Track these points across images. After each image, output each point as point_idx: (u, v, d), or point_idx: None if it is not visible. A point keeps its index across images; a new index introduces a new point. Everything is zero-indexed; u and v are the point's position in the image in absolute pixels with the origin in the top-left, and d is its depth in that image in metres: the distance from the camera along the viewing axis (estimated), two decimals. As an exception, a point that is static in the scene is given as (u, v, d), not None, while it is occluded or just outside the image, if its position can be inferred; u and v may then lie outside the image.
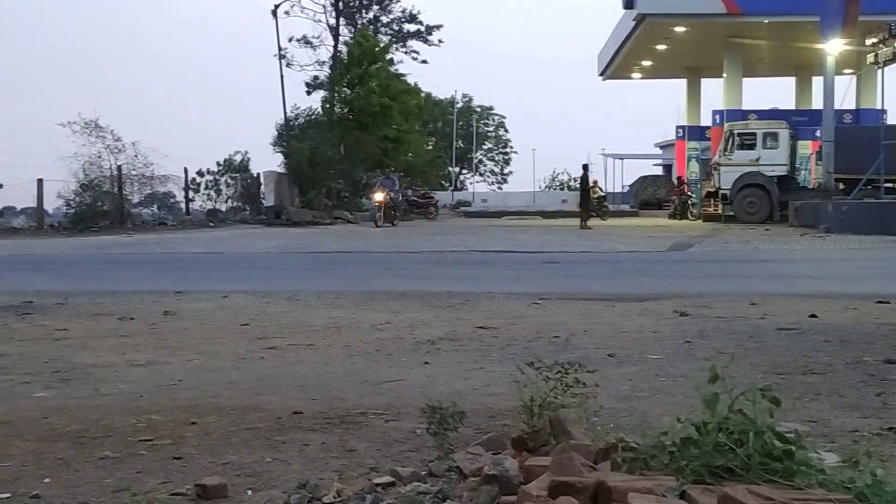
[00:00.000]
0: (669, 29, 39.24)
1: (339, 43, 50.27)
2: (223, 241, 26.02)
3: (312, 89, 50.82)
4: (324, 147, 39.89)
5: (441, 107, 76.41)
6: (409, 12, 54.70)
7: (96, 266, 18.33)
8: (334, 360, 7.21)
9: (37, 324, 9.34)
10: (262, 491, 3.80)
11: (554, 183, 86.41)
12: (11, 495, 3.79)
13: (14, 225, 36.74)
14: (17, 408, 5.49)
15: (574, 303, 10.61)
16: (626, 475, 3.19)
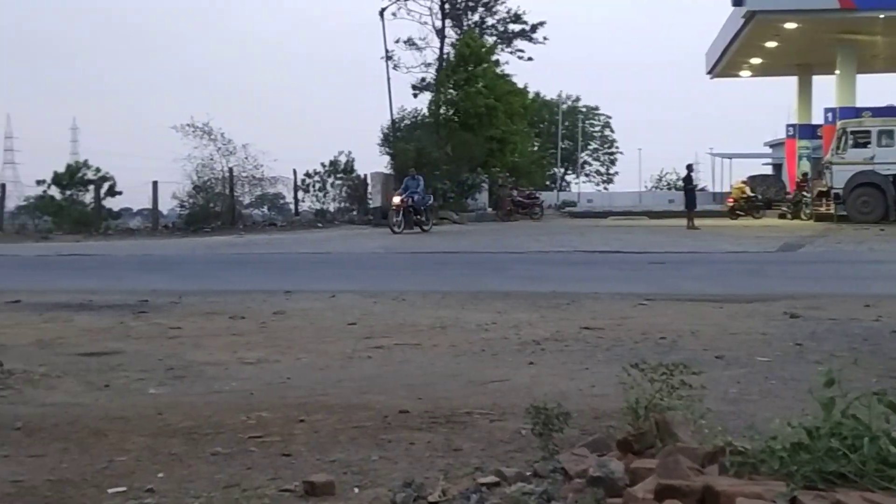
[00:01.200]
0: (780, 25, 38.40)
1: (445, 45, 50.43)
2: (331, 241, 26.32)
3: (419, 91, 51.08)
4: (430, 148, 40.06)
5: (548, 107, 76.08)
6: (513, 13, 54.56)
7: (209, 266, 18.73)
8: (440, 359, 7.25)
9: (152, 322, 9.59)
10: (369, 489, 3.84)
11: (661, 183, 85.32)
12: (127, 489, 3.90)
13: (131, 226, 37.73)
14: (132, 404, 5.64)
15: (681, 304, 10.47)
16: (734, 479, 3.14)
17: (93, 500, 3.78)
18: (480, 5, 54.29)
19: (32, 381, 6.43)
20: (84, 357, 7.48)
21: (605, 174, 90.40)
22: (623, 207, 53.17)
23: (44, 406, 5.60)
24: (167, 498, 3.79)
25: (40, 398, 5.90)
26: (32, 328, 9.16)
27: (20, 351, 7.73)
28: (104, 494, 3.84)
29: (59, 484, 3.97)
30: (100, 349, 7.86)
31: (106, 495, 3.83)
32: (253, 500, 3.73)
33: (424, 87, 50.69)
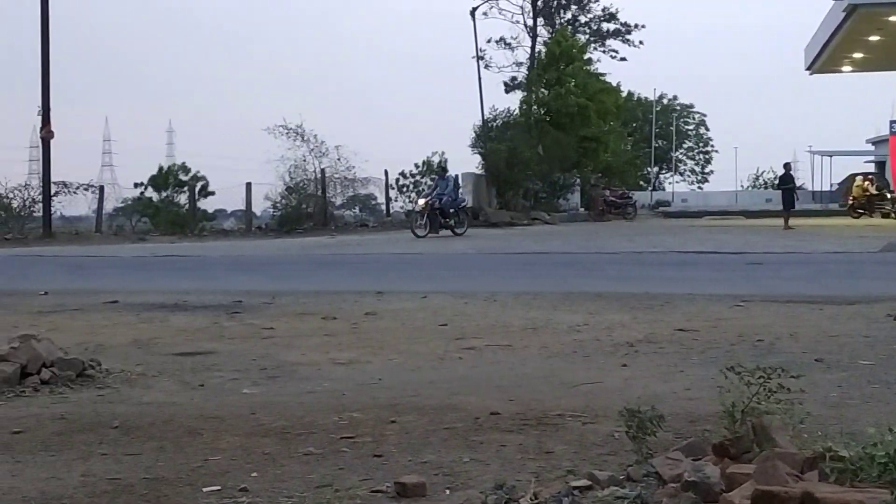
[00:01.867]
0: (883, 19, 37.38)
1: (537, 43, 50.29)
2: (422, 241, 26.42)
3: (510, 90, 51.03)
4: (522, 148, 39.98)
5: (641, 105, 75.39)
6: (608, 11, 54.14)
7: (301, 267, 18.93)
8: (531, 360, 7.20)
9: (245, 322, 9.71)
10: (460, 491, 3.82)
11: (757, 182, 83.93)
12: (221, 488, 3.94)
13: (225, 227, 38.35)
14: (226, 403, 5.71)
15: (779, 305, 10.26)
16: (834, 486, 3.05)
17: (188, 499, 3.82)
18: (573, 3, 54.02)
19: (129, 380, 6.56)
20: (179, 357, 7.60)
21: (699, 173, 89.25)
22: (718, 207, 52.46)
23: (140, 405, 5.70)
24: (260, 497, 3.81)
25: (137, 397, 6.00)
26: (130, 328, 9.35)
27: (118, 351, 7.89)
28: (199, 493, 3.88)
29: (155, 482, 4.02)
30: (195, 349, 7.99)
31: (201, 494, 3.87)
32: (345, 501, 3.74)
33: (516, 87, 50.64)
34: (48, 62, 30.41)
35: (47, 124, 30.56)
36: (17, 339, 6.43)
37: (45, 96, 30.50)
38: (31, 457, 4.49)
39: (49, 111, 30.56)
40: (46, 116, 30.54)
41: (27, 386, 6.10)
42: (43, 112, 30.57)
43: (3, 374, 6.08)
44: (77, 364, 6.46)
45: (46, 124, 30.56)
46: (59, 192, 32.67)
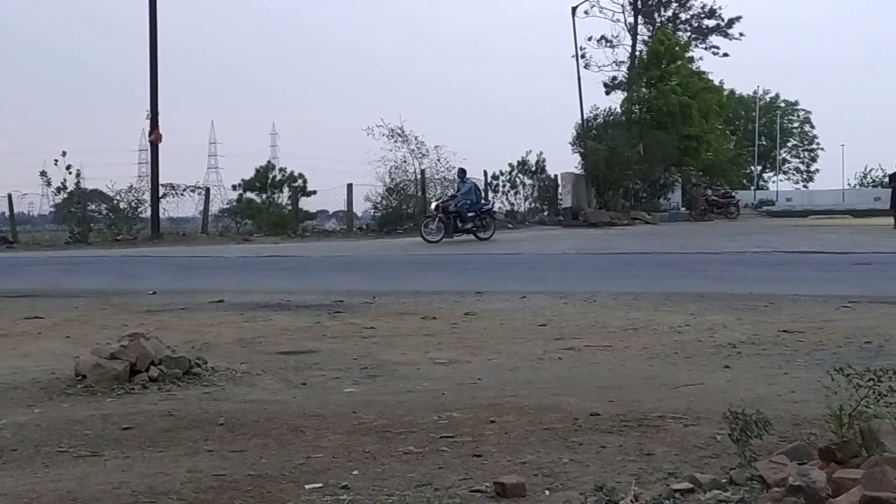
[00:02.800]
0: None
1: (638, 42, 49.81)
2: (521, 242, 26.38)
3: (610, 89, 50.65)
4: (622, 148, 39.66)
5: (743, 103, 74.11)
6: (708, 7, 53.33)
7: (401, 267, 19.06)
8: (631, 361, 7.14)
9: (347, 322, 9.81)
10: (559, 492, 3.80)
11: (865, 180, 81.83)
12: (323, 485, 3.99)
13: (326, 227, 38.79)
14: (328, 402, 5.78)
15: (889, 306, 9.99)
16: (947, 493, 2.96)
17: (290, 496, 3.88)
18: (674, 0, 53.35)
19: (234, 378, 6.68)
20: (282, 356, 7.72)
21: (804, 172, 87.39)
22: (824, 206, 51.32)
23: (245, 403, 5.80)
24: (361, 495, 3.85)
25: (241, 395, 6.11)
26: (235, 327, 9.53)
27: (223, 349, 8.05)
28: (301, 490, 3.94)
29: (259, 479, 4.09)
30: (297, 348, 8.11)
31: (303, 491, 3.93)
32: (445, 500, 3.75)
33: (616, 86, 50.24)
34: (156, 68, 31.14)
35: (156, 128, 31.29)
36: (126, 338, 6.60)
37: (153, 101, 31.24)
38: (139, 452, 4.61)
39: (157, 115, 31.30)
40: (155, 121, 31.28)
41: (136, 383, 6.26)
42: (151, 116, 31.31)
43: (113, 371, 6.25)
44: (184, 362, 6.60)
45: (155, 128, 31.30)
46: (167, 194, 33.42)
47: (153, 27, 30.95)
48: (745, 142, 73.18)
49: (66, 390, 6.17)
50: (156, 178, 31.94)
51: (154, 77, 31.11)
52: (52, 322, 10.27)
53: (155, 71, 31.12)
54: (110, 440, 4.84)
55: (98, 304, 11.90)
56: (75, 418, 5.33)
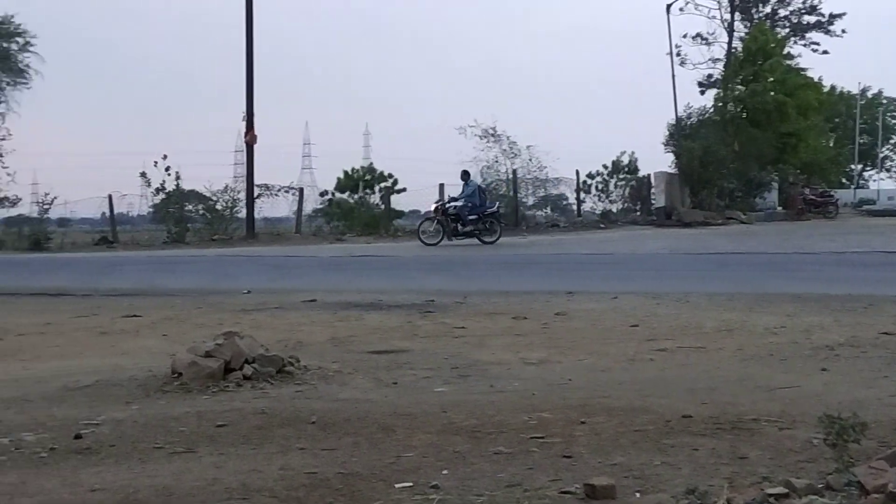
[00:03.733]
0: None
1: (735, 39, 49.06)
2: (613, 242, 26.20)
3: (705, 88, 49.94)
4: (717, 146, 39.10)
5: (844, 100, 72.49)
6: (809, 3, 52.23)
7: (492, 267, 19.06)
8: (725, 363, 7.04)
9: (438, 321, 9.85)
10: (650, 494, 3.76)
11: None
12: (413, 484, 4.01)
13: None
14: (419, 401, 5.80)
15: None
16: None
17: (380, 494, 3.90)
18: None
19: (326, 377, 6.75)
20: (374, 355, 7.78)
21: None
22: (928, 205, 49.86)
23: (336, 401, 5.85)
24: (451, 495, 3.86)
25: (333, 393, 6.17)
26: (327, 326, 9.63)
27: (316, 348, 8.14)
28: (391, 489, 3.96)
29: (350, 477, 4.12)
30: (388, 347, 8.16)
31: (393, 490, 3.95)
32: (534, 501, 3.74)
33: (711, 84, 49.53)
34: (252, 70, 31.64)
35: (251, 129, 31.79)
36: (221, 336, 6.70)
37: (249, 103, 31.75)
38: (233, 449, 4.68)
39: (253, 117, 31.80)
40: (250, 122, 31.79)
41: (230, 381, 6.36)
42: (247, 118, 31.83)
43: (208, 369, 6.36)
44: (277, 360, 6.69)
45: (250, 129, 31.81)
46: (262, 195, 33.93)
47: (249, 30, 31.45)
48: (844, 140, 71.56)
49: (163, 387, 6.29)
50: (251, 178, 32.46)
51: (250, 79, 31.62)
52: (150, 320, 10.50)
53: (251, 73, 31.62)
54: (205, 437, 4.93)
55: (194, 303, 12.13)
56: (171, 415, 5.43)
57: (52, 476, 4.26)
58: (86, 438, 4.89)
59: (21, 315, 11.29)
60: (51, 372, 7.32)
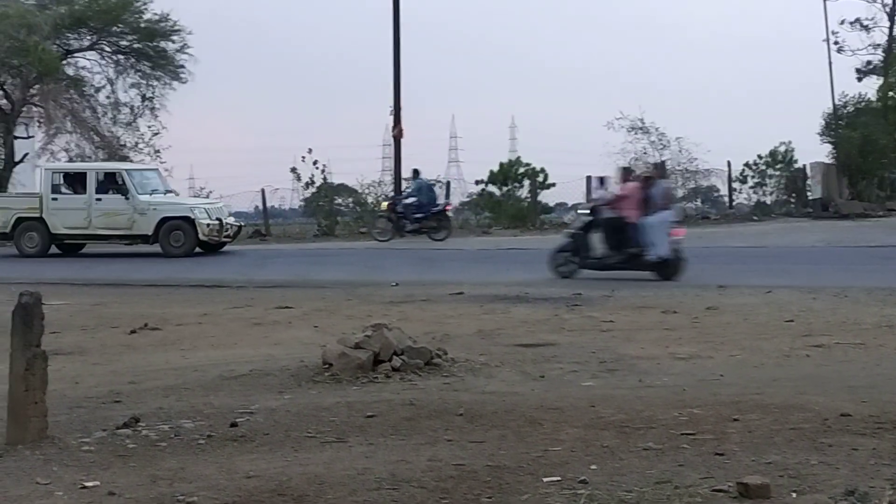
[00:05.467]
0: None
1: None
2: (767, 234, 25.51)
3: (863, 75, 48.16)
4: (877, 135, 37.68)
5: None
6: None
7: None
8: (886, 360, 6.79)
9: (585, 315, 9.78)
10: (807, 494, 3.65)
11: None
12: (561, 478, 3.98)
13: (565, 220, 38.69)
14: (566, 395, 5.77)
15: None
16: None
17: (528, 488, 3.89)
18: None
19: (473, 369, 6.77)
20: (520, 348, 7.77)
21: None
22: None
23: (483, 394, 5.87)
24: (600, 490, 3.82)
25: (480, 386, 6.19)
26: (474, 319, 9.66)
27: (462, 340, 8.18)
28: (539, 483, 3.94)
29: (498, 470, 4.12)
30: (535, 340, 8.14)
31: (541, 483, 3.93)
32: (685, 499, 3.68)
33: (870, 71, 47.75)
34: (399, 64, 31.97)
35: (398, 123, 32.14)
36: (370, 328, 6.80)
37: (396, 97, 32.08)
38: (382, 439, 4.74)
39: (400, 111, 32.12)
40: (398, 116, 32.12)
41: (379, 372, 6.44)
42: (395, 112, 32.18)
43: (358, 360, 6.46)
44: (425, 352, 6.74)
45: (398, 123, 32.15)
46: (408, 188, 34.25)
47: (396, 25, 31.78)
48: None
49: (314, 378, 6.42)
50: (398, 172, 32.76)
51: (397, 73, 31.95)
52: (301, 312, 10.73)
53: (398, 67, 31.96)
54: (355, 427, 5.00)
55: (344, 295, 12.34)
56: (322, 405, 5.54)
57: (209, 462, 4.39)
58: (241, 426, 5.03)
59: (179, 306, 11.68)
60: (207, 361, 7.55)
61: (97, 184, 21.32)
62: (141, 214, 20.92)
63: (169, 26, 30.55)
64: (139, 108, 31.35)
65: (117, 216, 21.00)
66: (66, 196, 21.41)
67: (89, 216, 21.07)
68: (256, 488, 3.94)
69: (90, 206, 21.08)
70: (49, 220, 20.97)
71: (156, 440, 4.81)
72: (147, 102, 31.25)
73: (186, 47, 30.98)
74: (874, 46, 48.47)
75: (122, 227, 21.08)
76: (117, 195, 21.11)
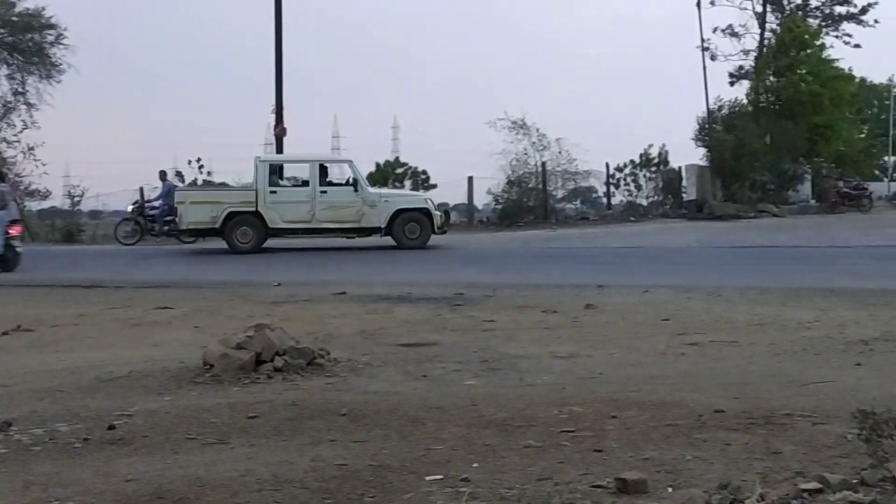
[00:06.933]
0: None
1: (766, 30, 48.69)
2: (643, 235, 26.06)
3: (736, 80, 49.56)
4: (749, 138, 38.81)
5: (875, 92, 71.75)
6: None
7: (522, 260, 19.01)
8: (757, 358, 7.00)
9: (467, 314, 9.84)
10: (683, 489, 3.74)
11: None
12: (444, 477, 4.01)
13: (449, 221, 38.88)
14: (448, 394, 5.80)
15: None
16: None
17: (411, 487, 3.90)
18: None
19: (356, 369, 6.76)
20: (403, 347, 7.78)
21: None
22: (963, 198, 49.27)
23: (366, 394, 5.86)
24: (481, 488, 3.85)
25: (363, 386, 6.18)
26: (356, 319, 9.64)
27: (346, 340, 8.16)
28: (422, 481, 3.96)
29: (380, 469, 4.13)
30: (418, 340, 8.16)
31: (423, 482, 3.95)
32: (565, 495, 3.73)
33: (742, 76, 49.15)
34: (281, 61, 31.68)
35: (280, 122, 31.85)
36: (252, 329, 6.74)
37: (278, 94, 31.79)
38: (264, 440, 4.70)
39: (282, 109, 31.84)
40: (280, 114, 31.84)
41: (261, 373, 6.38)
42: (277, 110, 31.88)
43: (239, 361, 6.39)
44: (308, 353, 6.71)
45: (280, 122, 31.87)
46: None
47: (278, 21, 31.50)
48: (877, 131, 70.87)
49: (195, 379, 6.33)
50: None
51: (279, 71, 31.66)
52: (182, 312, 10.56)
53: (280, 65, 31.67)
54: (237, 428, 4.95)
55: (226, 295, 12.19)
56: (203, 406, 5.46)
57: (85, 466, 4.29)
58: (119, 429, 4.93)
59: (55, 307, 11.38)
60: (84, 363, 7.38)
61: (318, 176, 20.83)
62: (371, 207, 20.72)
63: (43, 20, 29.77)
64: (12, 103, 30.51)
65: (344, 209, 20.68)
66: (286, 188, 20.97)
67: (313, 209, 20.61)
68: (135, 492, 3.87)
69: (314, 198, 20.63)
70: (266, 214, 20.40)
71: (29, 444, 4.68)
72: (20, 97, 30.42)
73: (62, 38, 30.24)
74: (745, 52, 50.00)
75: (350, 219, 20.76)
76: (346, 187, 20.91)
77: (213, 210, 20.39)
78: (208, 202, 20.69)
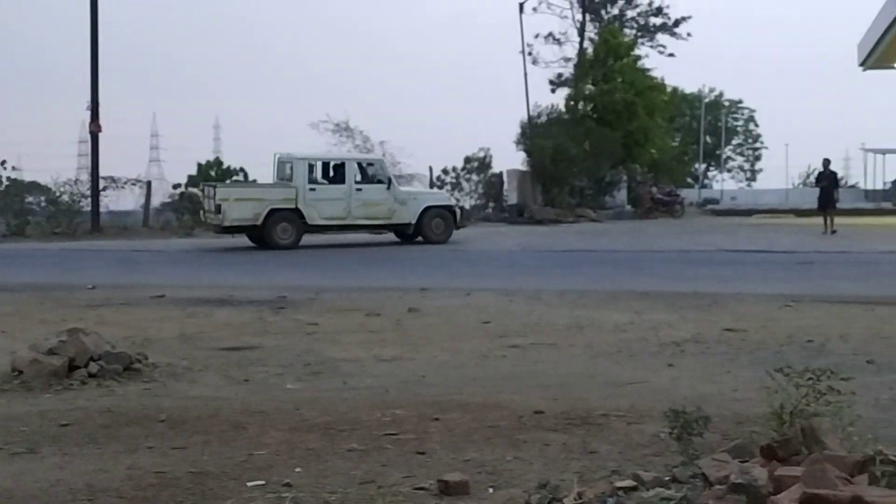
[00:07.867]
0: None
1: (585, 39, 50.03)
2: (466, 239, 26.40)
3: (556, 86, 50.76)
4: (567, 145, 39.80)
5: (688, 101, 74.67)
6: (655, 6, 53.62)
7: (347, 263, 18.96)
8: (576, 360, 7.17)
9: (290, 318, 9.74)
10: (503, 489, 3.80)
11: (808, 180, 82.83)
12: (266, 482, 3.96)
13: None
14: (271, 398, 5.73)
15: (829, 305, 10.13)
16: (885, 490, 2.99)
17: (232, 493, 3.84)
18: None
19: (175, 374, 6.61)
20: (224, 352, 7.64)
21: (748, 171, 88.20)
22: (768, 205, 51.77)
23: (186, 399, 5.74)
24: (304, 492, 3.82)
25: (183, 391, 6.05)
26: (176, 322, 9.41)
27: (164, 345, 7.95)
28: (243, 487, 3.90)
29: (201, 476, 4.05)
30: (240, 344, 8.03)
31: (245, 488, 3.89)
32: (388, 498, 3.74)
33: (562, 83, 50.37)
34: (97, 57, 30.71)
35: (96, 119, 30.87)
36: (65, 333, 6.50)
37: (94, 91, 30.81)
38: (78, 449, 4.54)
39: (98, 106, 30.87)
40: (95, 111, 30.85)
41: (75, 379, 6.17)
42: (92, 107, 30.89)
43: (51, 367, 6.15)
44: (124, 358, 6.52)
45: (95, 119, 30.88)
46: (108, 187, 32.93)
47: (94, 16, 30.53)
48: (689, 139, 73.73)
49: (2, 386, 6.06)
50: (96, 170, 31.47)
51: (95, 67, 30.68)
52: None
53: (96, 60, 30.69)
54: (48, 437, 4.76)
55: (36, 299, 11.70)
56: (11, 414, 5.24)
57: None
58: (-83, 440, 4.67)
59: None
60: None
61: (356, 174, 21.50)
62: (401, 204, 21.79)
63: None
64: None
65: (377, 206, 21.51)
66: (324, 186, 21.45)
67: (349, 206, 21.32)
68: (-64, 506, 3.67)
69: (350, 196, 21.34)
70: (305, 211, 20.90)
71: None
72: None
73: None
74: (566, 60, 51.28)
75: (382, 216, 21.68)
76: (379, 185, 21.67)
77: (256, 207, 20.65)
78: (251, 199, 21.03)
